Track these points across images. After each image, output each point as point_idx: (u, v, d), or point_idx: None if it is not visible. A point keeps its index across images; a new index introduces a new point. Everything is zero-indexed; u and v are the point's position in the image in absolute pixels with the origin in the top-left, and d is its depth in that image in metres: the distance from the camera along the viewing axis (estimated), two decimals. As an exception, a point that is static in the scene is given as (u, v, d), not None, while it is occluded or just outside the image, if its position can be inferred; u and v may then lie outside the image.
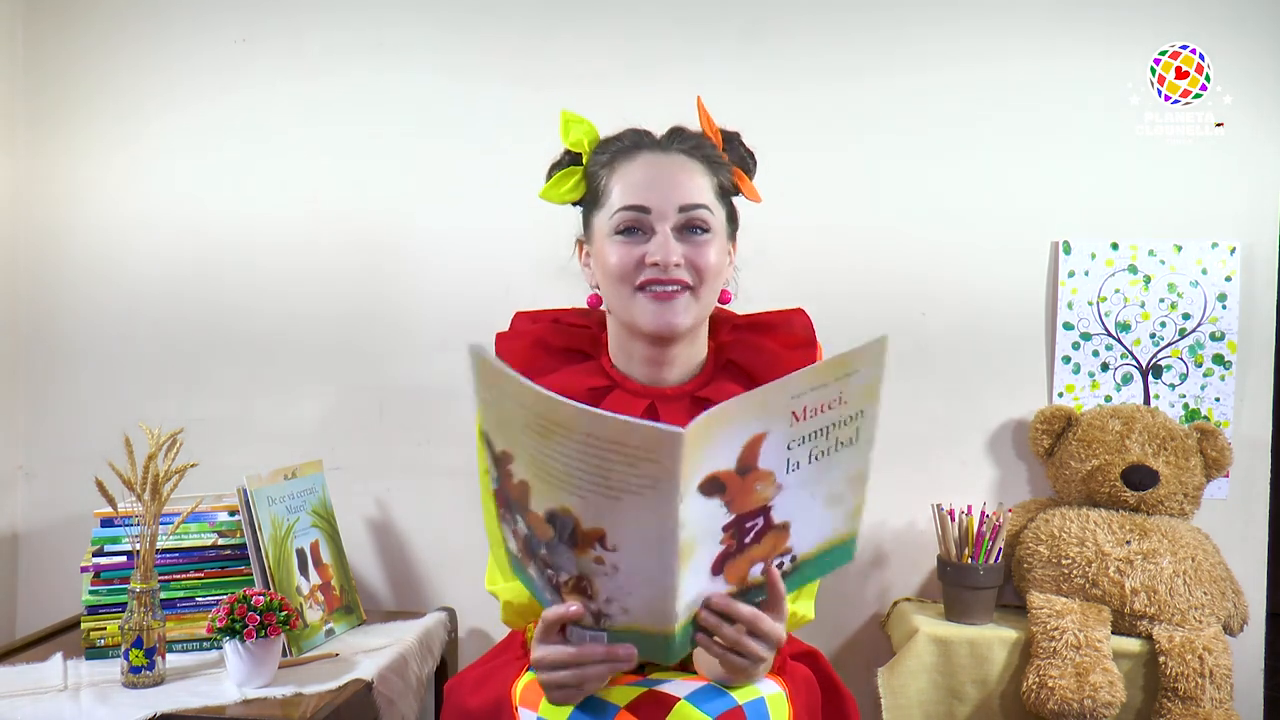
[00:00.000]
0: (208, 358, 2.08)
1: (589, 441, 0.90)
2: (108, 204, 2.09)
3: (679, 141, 1.28)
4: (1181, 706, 1.64)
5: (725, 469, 0.94)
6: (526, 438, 0.94)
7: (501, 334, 1.36)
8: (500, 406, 0.96)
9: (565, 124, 1.33)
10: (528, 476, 0.96)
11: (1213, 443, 1.84)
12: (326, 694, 1.53)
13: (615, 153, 1.28)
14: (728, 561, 1.00)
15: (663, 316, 1.23)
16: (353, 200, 2.04)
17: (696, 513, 0.94)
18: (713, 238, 1.25)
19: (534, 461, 0.95)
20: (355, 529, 2.04)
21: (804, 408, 0.95)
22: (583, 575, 0.98)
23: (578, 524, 0.95)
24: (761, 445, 0.95)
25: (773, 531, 1.01)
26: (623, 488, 0.92)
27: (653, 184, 1.23)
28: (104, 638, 1.68)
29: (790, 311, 1.35)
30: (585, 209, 1.32)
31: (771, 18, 1.98)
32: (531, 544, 1.00)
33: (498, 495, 1.03)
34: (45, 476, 2.11)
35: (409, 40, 2.03)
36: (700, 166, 1.27)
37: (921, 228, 1.96)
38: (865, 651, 1.98)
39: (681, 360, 1.30)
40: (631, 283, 1.23)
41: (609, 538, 0.95)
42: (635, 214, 1.23)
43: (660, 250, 1.21)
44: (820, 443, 0.99)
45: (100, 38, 2.08)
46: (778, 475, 0.97)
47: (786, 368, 1.29)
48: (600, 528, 0.95)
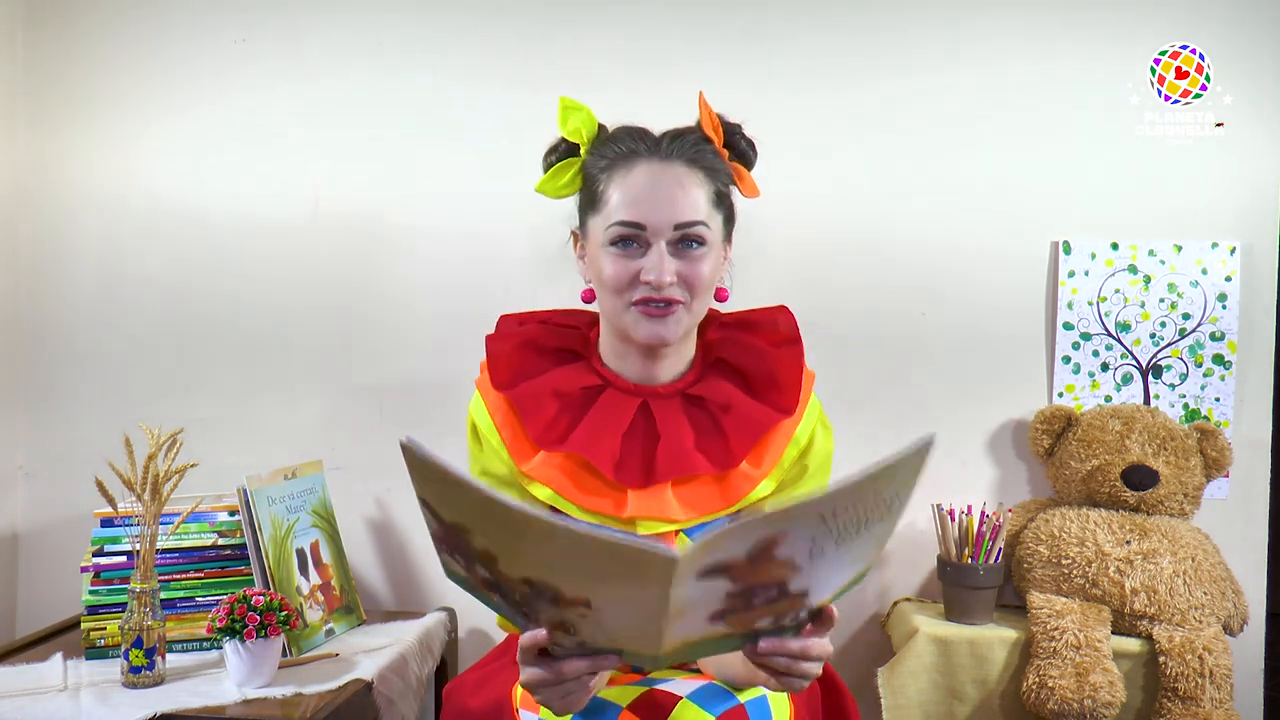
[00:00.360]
0: (208, 358, 2.08)
1: (572, 547, 0.85)
2: (108, 204, 2.09)
3: (679, 149, 1.26)
4: (1181, 706, 1.64)
5: (733, 559, 0.88)
6: (492, 527, 0.88)
7: (492, 335, 1.36)
8: (447, 496, 0.88)
9: (563, 111, 1.32)
10: (493, 550, 0.90)
11: (1213, 443, 1.84)
12: (326, 694, 1.53)
13: (614, 158, 1.27)
14: (730, 615, 0.94)
15: (655, 331, 1.23)
16: (353, 200, 2.04)
17: (693, 591, 0.88)
18: (708, 251, 1.25)
19: (502, 546, 0.89)
20: (355, 529, 2.04)
21: (834, 512, 0.88)
22: (565, 620, 0.94)
23: (560, 592, 0.90)
24: (780, 542, 0.88)
25: (787, 598, 0.94)
26: (610, 577, 0.87)
27: (650, 199, 1.22)
28: (104, 638, 1.68)
29: (774, 309, 1.36)
30: (581, 206, 1.32)
31: (771, 18, 1.98)
32: (500, 587, 0.95)
33: (440, 539, 0.95)
34: (45, 476, 2.11)
35: (409, 41, 2.03)
36: (699, 176, 1.26)
37: (921, 227, 1.96)
38: (865, 651, 1.99)
39: (672, 359, 1.31)
40: (625, 297, 1.24)
41: (593, 603, 0.90)
42: (631, 229, 1.23)
43: (655, 269, 1.21)
44: (850, 530, 0.91)
45: (100, 39, 2.08)
46: (798, 560, 0.91)
47: (774, 365, 1.29)
48: (584, 597, 0.90)
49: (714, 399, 1.28)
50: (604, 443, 1.25)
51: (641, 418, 1.28)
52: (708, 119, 1.31)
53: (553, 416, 1.27)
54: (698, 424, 1.28)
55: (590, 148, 1.30)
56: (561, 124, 1.32)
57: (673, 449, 1.25)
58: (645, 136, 1.29)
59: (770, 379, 1.29)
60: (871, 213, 1.97)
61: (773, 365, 1.30)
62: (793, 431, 1.29)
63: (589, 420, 1.27)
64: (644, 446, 1.26)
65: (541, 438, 1.27)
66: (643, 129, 1.30)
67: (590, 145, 1.31)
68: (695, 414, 1.28)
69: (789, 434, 1.29)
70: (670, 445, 1.25)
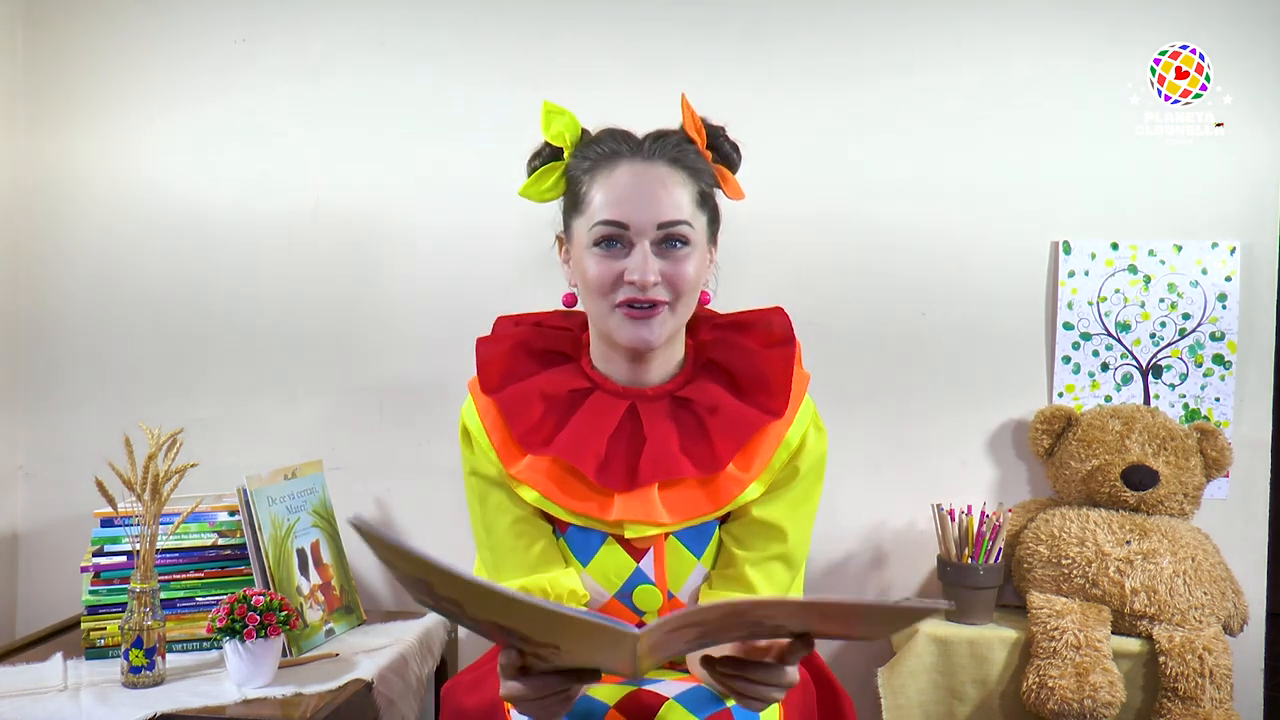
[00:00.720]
0: (208, 358, 2.08)
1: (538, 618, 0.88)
2: (108, 204, 2.09)
3: (661, 149, 1.26)
4: (1181, 706, 1.64)
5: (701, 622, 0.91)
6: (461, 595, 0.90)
7: (483, 338, 1.36)
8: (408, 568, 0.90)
9: (546, 115, 1.32)
10: (458, 599, 0.91)
11: (1213, 443, 1.84)
12: (326, 694, 1.53)
13: (596, 159, 1.27)
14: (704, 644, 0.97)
15: (639, 334, 1.23)
16: (353, 199, 2.04)
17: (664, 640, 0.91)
18: (692, 251, 1.24)
19: (468, 599, 0.90)
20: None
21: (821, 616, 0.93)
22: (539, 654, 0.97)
23: (528, 637, 0.93)
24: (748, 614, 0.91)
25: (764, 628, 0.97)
26: (578, 637, 0.90)
27: (633, 199, 1.22)
28: (104, 638, 1.68)
29: (769, 310, 1.35)
30: (565, 210, 1.32)
31: (772, 18, 1.98)
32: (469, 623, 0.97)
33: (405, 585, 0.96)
34: (45, 476, 2.11)
35: (409, 41, 2.02)
36: (681, 176, 1.25)
37: (921, 227, 1.96)
38: (865, 651, 1.98)
39: (660, 361, 1.30)
40: (609, 298, 1.23)
41: (563, 647, 0.93)
42: (614, 229, 1.23)
43: (639, 269, 1.21)
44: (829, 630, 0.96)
45: (100, 38, 2.08)
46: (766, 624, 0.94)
47: (763, 366, 1.29)
48: (554, 644, 0.92)
49: (701, 401, 1.28)
50: (589, 446, 1.25)
51: (629, 420, 1.27)
52: (690, 120, 1.31)
53: (538, 419, 1.27)
54: (684, 426, 1.27)
55: (573, 151, 1.30)
56: (545, 128, 1.31)
57: (657, 452, 1.24)
58: (628, 138, 1.28)
59: (759, 380, 1.28)
60: (871, 212, 1.97)
61: (762, 366, 1.29)
62: (783, 434, 1.28)
63: (575, 423, 1.27)
64: (629, 449, 1.26)
65: (526, 440, 1.27)
66: (625, 131, 1.30)
67: (573, 148, 1.30)
68: (682, 416, 1.28)
69: (779, 436, 1.28)
70: (655, 448, 1.25)
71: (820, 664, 1.37)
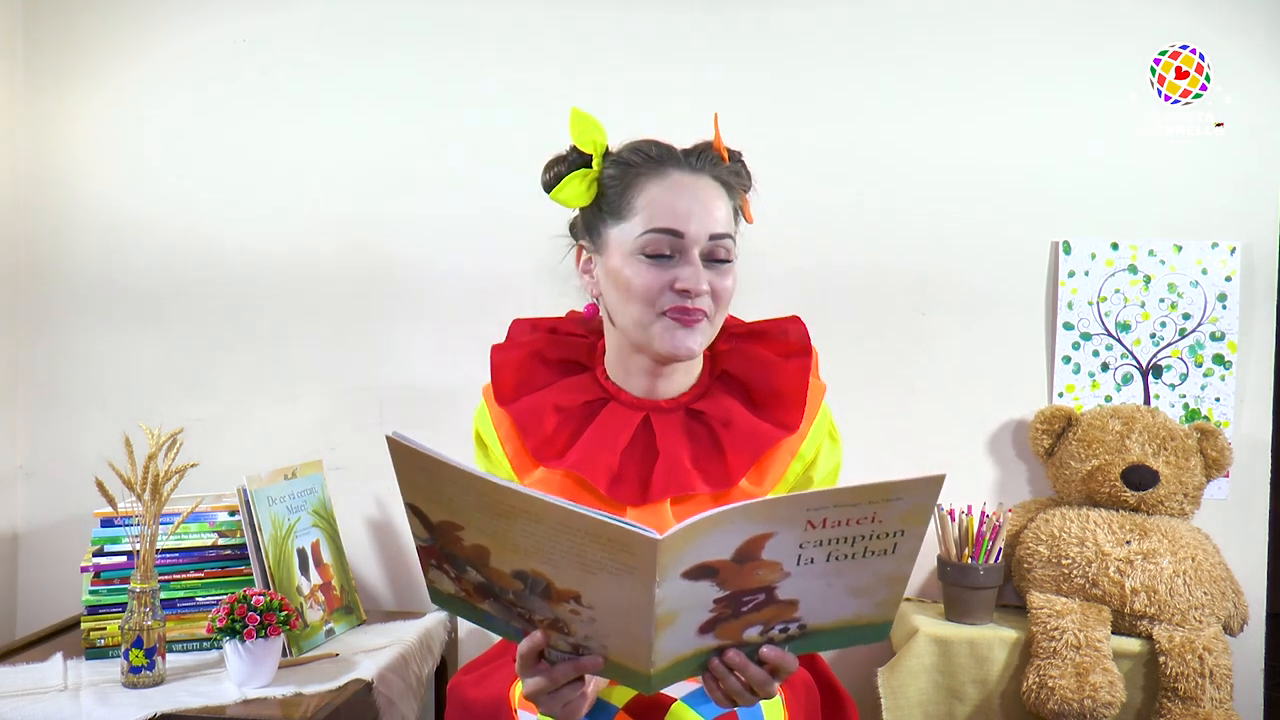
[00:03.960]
0: (208, 358, 2.08)
1: (560, 529, 0.88)
2: (107, 204, 2.09)
3: (704, 163, 1.25)
4: (1181, 706, 1.64)
5: (719, 559, 0.91)
6: (482, 516, 0.90)
7: (498, 345, 1.35)
8: (438, 489, 0.92)
9: (576, 121, 1.29)
10: (485, 543, 0.92)
11: (1213, 443, 1.84)
12: (326, 694, 1.53)
13: (640, 165, 1.24)
14: (720, 624, 0.96)
15: (683, 343, 1.21)
16: (353, 199, 2.04)
17: (680, 592, 0.91)
18: (732, 266, 1.24)
19: (493, 535, 0.91)
20: (355, 529, 2.04)
21: (823, 520, 0.91)
22: (559, 618, 0.96)
23: (550, 583, 0.92)
24: (767, 542, 0.91)
25: (776, 605, 0.97)
26: (598, 567, 0.89)
27: (687, 208, 1.21)
28: (104, 638, 1.68)
29: (785, 320, 1.33)
30: (596, 217, 1.28)
31: (771, 17, 1.98)
32: (493, 589, 0.97)
33: (427, 551, 0.99)
34: (45, 476, 2.11)
35: (410, 41, 2.02)
36: (723, 191, 1.25)
37: (921, 227, 1.96)
38: (865, 651, 1.98)
39: (680, 373, 1.29)
40: (656, 307, 1.21)
41: (584, 598, 0.92)
42: (669, 238, 1.21)
43: (693, 279, 1.20)
44: (843, 548, 0.94)
45: (100, 38, 2.08)
46: (785, 565, 0.93)
47: (778, 378, 1.27)
48: (575, 590, 0.92)
49: (715, 414, 1.26)
50: (602, 459, 1.24)
51: (643, 433, 1.26)
52: (719, 142, 1.29)
53: (552, 431, 1.26)
54: (697, 440, 1.26)
55: (608, 158, 1.27)
56: (574, 135, 1.28)
57: (670, 467, 1.23)
58: (669, 148, 1.27)
59: (774, 393, 1.27)
60: (871, 212, 1.97)
61: (777, 378, 1.27)
62: (797, 447, 1.27)
63: (589, 436, 1.26)
64: (642, 463, 1.25)
65: (540, 453, 1.26)
66: (663, 142, 1.28)
67: (605, 156, 1.28)
68: (695, 429, 1.26)
69: (793, 450, 1.27)
70: (667, 463, 1.24)
71: (823, 667, 1.37)
